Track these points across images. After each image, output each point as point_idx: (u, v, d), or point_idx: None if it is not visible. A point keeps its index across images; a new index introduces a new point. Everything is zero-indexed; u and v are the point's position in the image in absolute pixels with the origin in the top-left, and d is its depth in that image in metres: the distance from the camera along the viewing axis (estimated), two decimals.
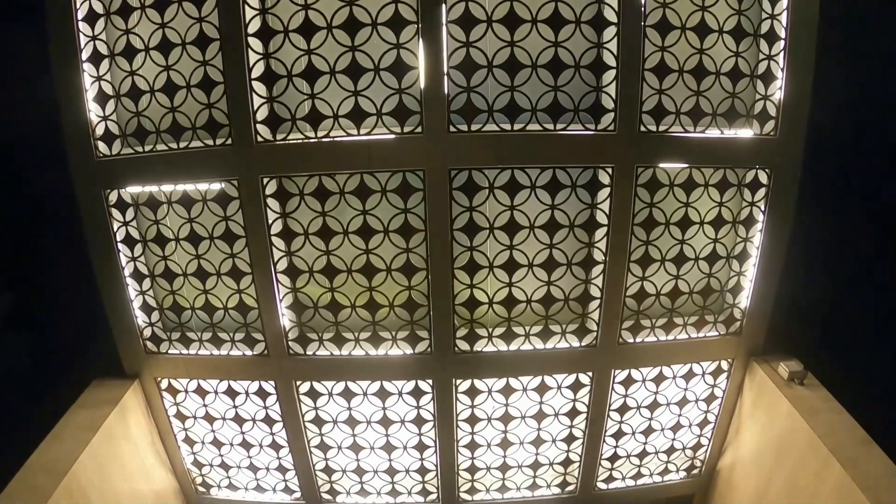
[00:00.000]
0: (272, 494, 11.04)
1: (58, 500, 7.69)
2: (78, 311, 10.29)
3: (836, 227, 10.43)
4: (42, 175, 9.78)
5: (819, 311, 10.51)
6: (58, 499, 7.69)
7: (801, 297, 9.86)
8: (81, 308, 9.93)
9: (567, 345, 9.36)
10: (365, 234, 8.54)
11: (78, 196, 8.56)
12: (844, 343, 10.71)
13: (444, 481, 10.59)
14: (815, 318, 10.47)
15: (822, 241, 10.13)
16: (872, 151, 10.45)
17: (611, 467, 10.81)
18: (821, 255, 10.18)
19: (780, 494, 9.10)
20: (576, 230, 8.68)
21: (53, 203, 9.67)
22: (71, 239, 9.02)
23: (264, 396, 9.79)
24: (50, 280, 11.04)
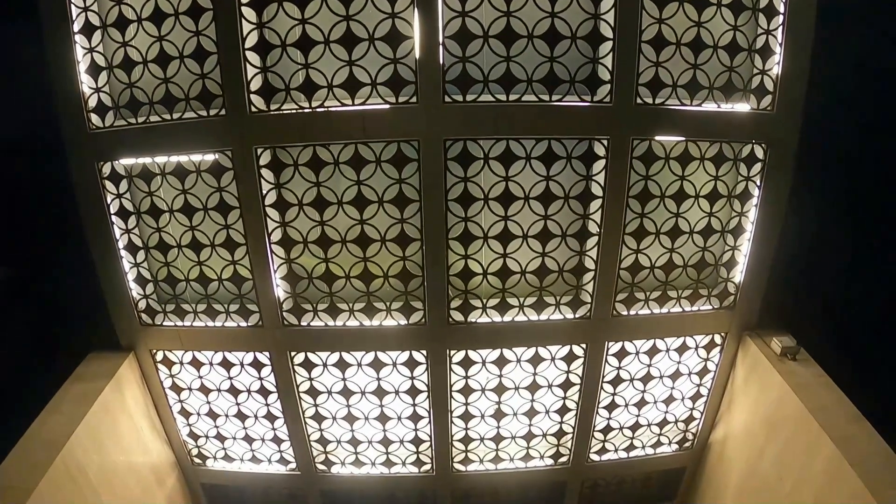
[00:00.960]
0: (267, 465, 11.19)
1: (54, 474, 7.77)
2: (72, 284, 10.30)
3: (832, 202, 10.46)
4: (35, 149, 9.75)
5: (813, 287, 10.59)
6: (54, 472, 7.77)
7: (795, 273, 9.91)
8: (76, 281, 9.94)
9: (561, 316, 9.44)
10: (359, 205, 8.57)
11: (71, 168, 8.56)
12: (838, 319, 10.82)
13: (438, 452, 10.75)
14: (809, 293, 10.56)
15: (818, 217, 10.16)
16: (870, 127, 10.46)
17: (603, 439, 10.97)
18: (816, 230, 10.21)
19: (771, 469, 9.23)
20: (571, 202, 8.72)
21: (47, 176, 9.64)
22: (64, 212, 9.01)
23: (259, 367, 9.89)
24: (44, 254, 11.03)
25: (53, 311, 11.22)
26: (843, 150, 10.25)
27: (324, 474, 11.15)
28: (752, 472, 9.77)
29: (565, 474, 11.35)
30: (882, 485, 7.23)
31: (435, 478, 11.14)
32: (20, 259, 11.21)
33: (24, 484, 7.44)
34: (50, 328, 11.27)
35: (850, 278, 10.85)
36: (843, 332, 10.77)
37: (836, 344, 10.21)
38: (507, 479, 11.38)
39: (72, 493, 8.11)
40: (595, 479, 11.69)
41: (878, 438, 7.87)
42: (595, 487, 11.85)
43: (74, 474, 8.19)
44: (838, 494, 7.70)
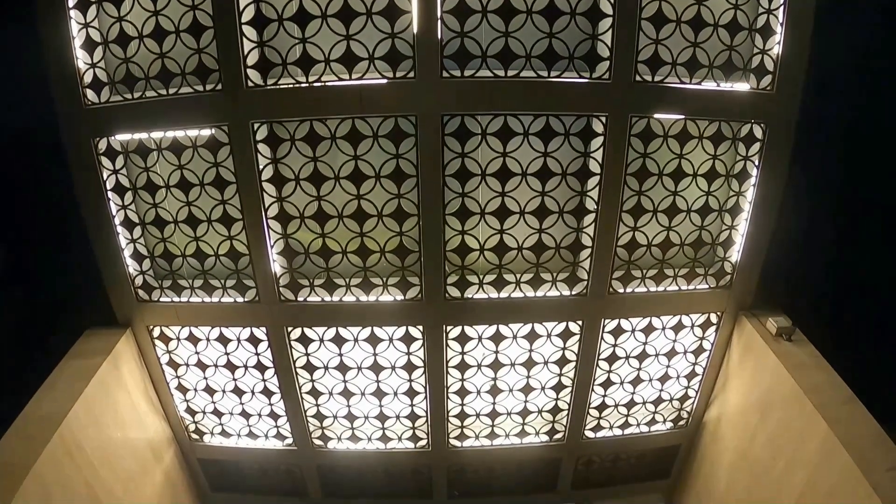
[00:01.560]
0: (264, 441, 11.30)
1: (52, 450, 7.83)
2: (69, 261, 10.32)
3: (830, 183, 10.47)
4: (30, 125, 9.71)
5: (810, 268, 10.63)
6: (52, 449, 7.83)
7: (792, 254, 9.93)
8: (73, 258, 9.95)
9: (557, 293, 9.50)
10: (356, 180, 8.58)
11: (66, 145, 8.55)
12: (834, 300, 10.87)
13: (434, 427, 10.86)
14: (805, 274, 10.59)
15: (817, 199, 10.18)
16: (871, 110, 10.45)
17: (599, 416, 11.08)
18: (814, 212, 10.22)
19: (765, 448, 9.32)
20: (568, 178, 8.74)
21: (42, 153, 9.61)
22: (60, 188, 9.01)
23: (256, 343, 9.95)
24: (40, 230, 11.03)
25: (50, 288, 11.22)
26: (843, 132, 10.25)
27: (320, 449, 11.26)
28: (746, 451, 9.86)
29: (560, 451, 11.46)
30: (874, 466, 7.31)
31: (431, 453, 11.26)
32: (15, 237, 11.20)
33: (22, 461, 7.49)
34: (47, 305, 11.28)
35: (846, 260, 10.87)
36: (839, 313, 10.83)
37: (832, 325, 10.28)
38: (502, 456, 11.50)
39: (70, 470, 8.18)
40: (590, 456, 11.81)
41: (871, 420, 7.93)
42: (590, 464, 11.98)
43: (72, 451, 8.25)
44: (831, 474, 7.78)
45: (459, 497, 12.30)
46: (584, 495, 12.30)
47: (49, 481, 7.71)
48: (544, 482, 12.19)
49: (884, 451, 7.48)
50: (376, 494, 12.33)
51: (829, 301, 10.84)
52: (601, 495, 12.78)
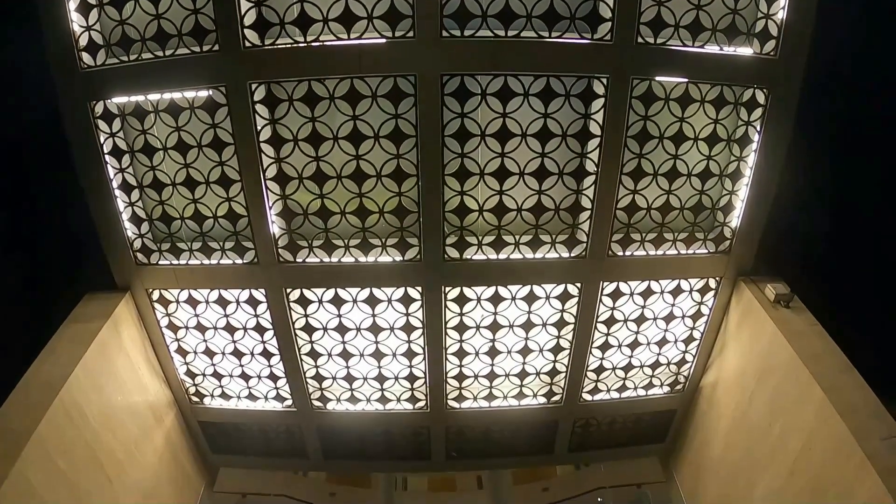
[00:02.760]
0: (264, 402, 11.43)
1: (54, 415, 7.92)
2: (68, 225, 10.34)
3: (833, 151, 10.46)
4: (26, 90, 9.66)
5: (809, 236, 10.66)
6: (54, 413, 7.92)
7: (792, 221, 9.96)
8: (71, 223, 9.97)
9: (556, 255, 9.54)
10: (355, 140, 8.57)
11: (63, 109, 8.52)
12: (833, 269, 10.90)
13: (433, 389, 11.00)
14: (805, 242, 10.62)
15: (818, 167, 10.17)
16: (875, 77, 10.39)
17: (596, 379, 11.20)
18: (815, 179, 10.23)
19: (761, 414, 9.42)
20: (568, 140, 8.73)
21: (38, 118, 9.58)
22: (57, 153, 9.00)
23: (255, 305, 10.01)
24: (38, 195, 11.03)
25: (49, 253, 11.26)
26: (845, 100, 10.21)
27: (320, 411, 11.40)
28: (742, 416, 9.97)
29: (557, 413, 11.60)
30: (869, 434, 7.39)
31: (429, 414, 11.40)
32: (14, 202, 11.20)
33: (23, 426, 7.59)
34: (46, 271, 11.33)
35: (846, 229, 10.90)
36: (838, 281, 10.86)
37: (830, 293, 10.30)
38: (500, 417, 11.66)
39: (71, 434, 8.30)
40: (587, 419, 11.96)
41: (866, 389, 8.01)
42: (587, 427, 12.12)
43: (73, 415, 8.34)
44: (826, 442, 7.88)
45: (457, 458, 12.49)
46: (581, 457, 12.48)
47: (51, 446, 7.82)
48: (542, 444, 12.37)
49: (879, 420, 7.57)
50: (375, 455, 12.53)
51: (827, 269, 10.87)
52: (598, 458, 12.99)
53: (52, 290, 10.76)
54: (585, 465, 18.48)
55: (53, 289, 10.78)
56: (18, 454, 7.24)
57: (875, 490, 6.94)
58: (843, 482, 7.49)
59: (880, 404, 7.76)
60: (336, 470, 15.61)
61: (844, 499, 7.44)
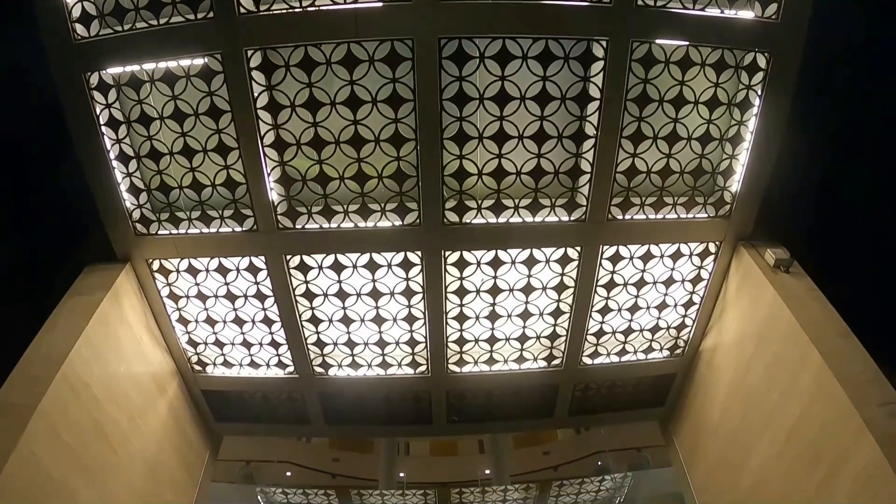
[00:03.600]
0: (266, 370, 11.51)
1: (57, 389, 7.95)
2: (65, 198, 10.31)
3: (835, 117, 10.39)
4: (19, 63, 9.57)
5: (810, 202, 10.63)
6: (57, 387, 7.94)
7: (792, 186, 9.93)
8: (69, 196, 9.94)
9: (556, 219, 9.54)
10: (353, 105, 8.53)
11: (57, 81, 8.45)
12: (833, 234, 10.88)
13: (433, 353, 11.07)
14: (805, 207, 10.60)
15: (819, 131, 10.12)
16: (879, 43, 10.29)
17: (596, 343, 11.27)
18: (817, 144, 10.17)
19: (760, 379, 9.47)
20: (567, 103, 8.67)
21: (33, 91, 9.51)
22: (54, 125, 8.93)
23: (255, 272, 10.05)
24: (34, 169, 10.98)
25: (48, 226, 11.24)
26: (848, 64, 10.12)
27: (321, 377, 11.49)
28: (741, 381, 10.04)
29: (558, 377, 11.68)
30: (867, 401, 7.40)
31: (430, 378, 11.50)
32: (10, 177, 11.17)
33: (27, 401, 7.61)
34: (45, 244, 11.32)
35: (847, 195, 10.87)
36: (838, 247, 10.86)
37: (829, 258, 10.31)
38: (500, 381, 11.76)
39: (75, 407, 8.34)
40: (587, 383, 12.05)
41: (865, 355, 8.01)
42: (586, 391, 12.22)
43: (77, 388, 8.39)
44: (824, 408, 7.90)
45: (458, 422, 12.60)
46: (582, 421, 12.59)
47: (55, 419, 7.87)
48: (542, 408, 12.46)
49: (877, 387, 7.58)
50: (377, 420, 12.65)
51: (827, 235, 10.85)
52: (598, 422, 13.12)
53: (52, 263, 10.74)
54: (586, 430, 18.85)
55: (53, 262, 10.76)
56: (23, 429, 7.28)
57: (873, 456, 6.97)
58: (840, 448, 7.54)
59: (879, 371, 7.76)
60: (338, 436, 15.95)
61: (842, 464, 7.49)
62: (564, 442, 20.62)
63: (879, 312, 10.18)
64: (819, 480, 7.87)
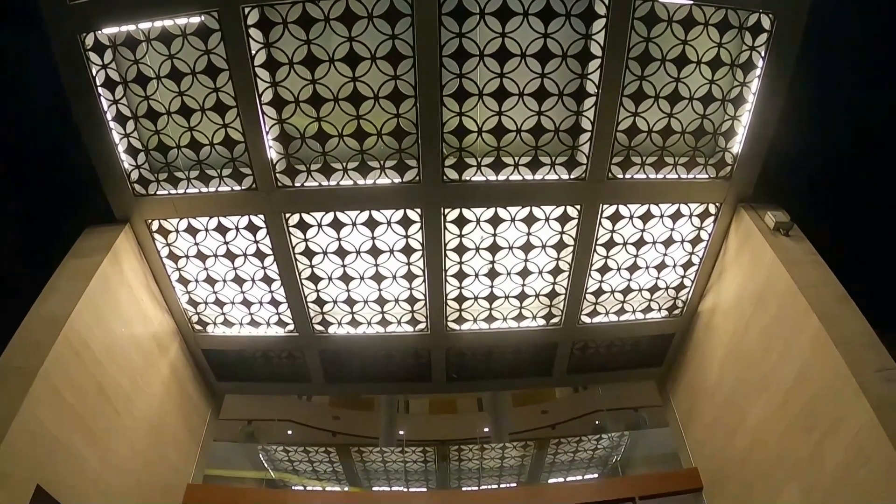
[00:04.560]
0: (266, 328, 11.60)
1: (59, 352, 8.00)
2: (63, 161, 10.25)
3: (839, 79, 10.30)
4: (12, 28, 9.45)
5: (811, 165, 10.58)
6: (59, 350, 7.99)
7: (794, 149, 9.86)
8: (66, 158, 9.88)
9: (556, 177, 9.53)
10: (351, 62, 8.45)
11: (52, 43, 8.36)
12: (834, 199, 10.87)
13: (433, 310, 11.14)
14: (806, 171, 10.56)
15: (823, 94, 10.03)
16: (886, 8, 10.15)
17: (595, 301, 11.34)
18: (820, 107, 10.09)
19: (758, 341, 9.53)
20: (568, 60, 8.60)
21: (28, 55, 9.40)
22: (50, 88, 8.85)
23: (254, 231, 10.08)
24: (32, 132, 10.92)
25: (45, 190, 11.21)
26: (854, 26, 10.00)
27: (321, 335, 11.58)
28: (739, 343, 10.11)
29: (557, 335, 11.79)
30: (864, 365, 7.44)
31: (430, 336, 11.58)
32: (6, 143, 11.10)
33: (29, 364, 7.65)
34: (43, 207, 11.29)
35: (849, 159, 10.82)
36: (838, 211, 10.85)
37: (830, 223, 10.31)
38: (500, 339, 11.86)
39: (77, 369, 8.42)
40: (585, 342, 12.13)
41: (862, 320, 8.02)
42: (585, 350, 12.30)
43: (78, 350, 8.44)
44: (821, 371, 7.95)
45: (458, 380, 12.71)
46: (580, 379, 12.70)
47: (58, 382, 7.95)
48: (541, 366, 12.58)
49: (874, 352, 7.61)
50: (377, 378, 12.75)
51: (828, 199, 10.84)
52: (596, 380, 13.24)
53: (51, 226, 10.72)
54: (584, 389, 18.99)
55: (52, 226, 10.75)
56: (26, 392, 7.35)
57: (867, 421, 7.05)
58: (835, 412, 7.62)
59: (876, 336, 7.79)
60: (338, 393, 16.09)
61: (836, 428, 7.58)
62: (562, 401, 20.82)
63: (878, 278, 10.25)
64: (814, 443, 7.99)
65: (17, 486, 7.12)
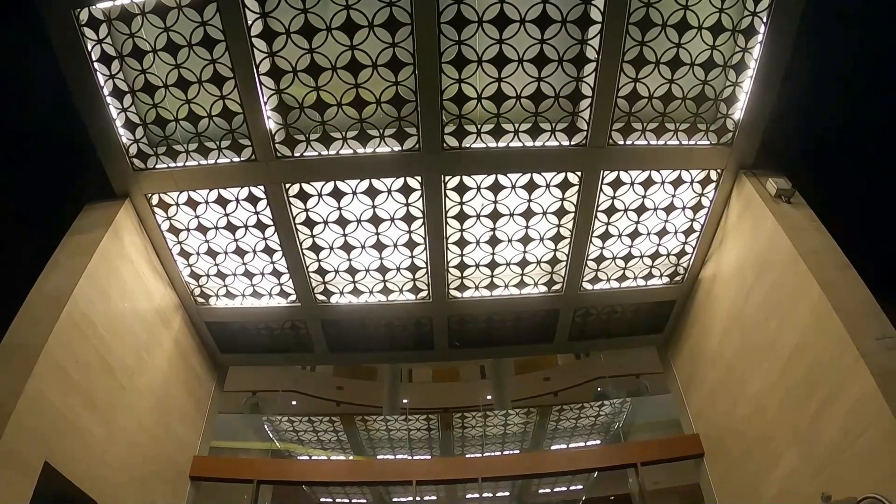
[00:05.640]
0: (268, 299, 11.68)
1: (63, 329, 8.05)
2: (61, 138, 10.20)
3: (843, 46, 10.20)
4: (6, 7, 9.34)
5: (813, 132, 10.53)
6: (62, 327, 8.04)
7: (796, 116, 9.80)
8: (64, 135, 9.83)
9: (556, 143, 9.50)
10: (349, 30, 8.38)
11: (46, 20, 8.27)
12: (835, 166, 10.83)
13: (434, 278, 11.21)
14: (808, 138, 10.51)
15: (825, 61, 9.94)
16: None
17: (596, 268, 11.39)
18: (821, 75, 10.01)
19: (758, 308, 9.56)
20: (568, 26, 8.52)
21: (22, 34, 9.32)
22: (46, 65, 8.76)
23: (254, 202, 10.09)
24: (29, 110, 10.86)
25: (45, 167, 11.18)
26: None
27: (323, 304, 11.67)
28: (740, 310, 10.13)
29: (558, 302, 11.86)
30: (864, 333, 7.46)
31: (431, 304, 11.68)
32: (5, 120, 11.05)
33: (34, 341, 7.72)
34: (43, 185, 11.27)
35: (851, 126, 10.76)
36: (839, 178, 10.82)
37: (831, 190, 10.28)
38: (501, 306, 11.94)
39: (81, 345, 8.48)
40: (587, 308, 12.22)
41: (863, 287, 8.02)
42: (586, 316, 12.40)
43: (82, 326, 8.50)
44: (821, 338, 7.97)
45: (460, 348, 12.83)
46: (581, 346, 12.78)
47: (62, 358, 8.02)
48: (542, 333, 12.69)
49: (874, 320, 7.62)
50: (379, 347, 12.88)
51: (829, 166, 10.80)
52: (597, 347, 13.31)
53: (52, 204, 10.71)
54: (585, 356, 19.13)
55: (52, 203, 10.73)
56: (31, 370, 7.42)
57: (867, 388, 7.10)
58: (835, 379, 7.68)
59: (877, 304, 7.79)
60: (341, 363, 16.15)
61: (836, 395, 7.64)
62: (564, 368, 21.01)
63: (879, 246, 10.24)
64: (814, 410, 8.06)
65: (25, 463, 7.23)
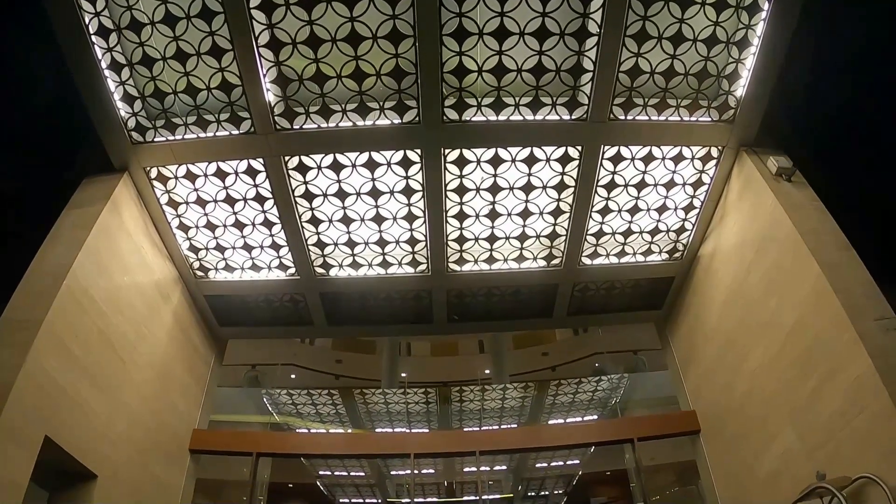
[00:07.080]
0: (268, 272, 11.72)
1: (62, 303, 8.07)
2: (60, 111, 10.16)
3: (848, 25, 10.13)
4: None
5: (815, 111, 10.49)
6: (62, 301, 8.06)
7: (798, 94, 9.76)
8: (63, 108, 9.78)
9: (557, 117, 9.48)
10: (349, 1, 8.31)
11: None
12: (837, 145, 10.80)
13: (434, 252, 11.25)
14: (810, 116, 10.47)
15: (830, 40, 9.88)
16: None
17: (596, 243, 11.43)
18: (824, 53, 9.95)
19: (757, 286, 9.58)
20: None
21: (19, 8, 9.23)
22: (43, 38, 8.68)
23: (254, 175, 10.09)
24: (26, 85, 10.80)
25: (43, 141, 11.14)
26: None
27: (322, 278, 11.72)
28: (739, 287, 10.16)
29: (557, 276, 11.91)
30: (863, 314, 7.46)
31: (430, 277, 11.72)
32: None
33: (33, 315, 7.72)
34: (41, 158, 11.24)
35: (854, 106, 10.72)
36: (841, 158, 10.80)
37: (833, 170, 10.26)
38: (500, 280, 12.00)
39: (81, 319, 8.51)
40: (586, 283, 12.27)
41: (862, 268, 8.02)
42: (585, 291, 12.47)
43: (81, 300, 8.52)
44: (820, 318, 7.98)
45: (459, 321, 12.91)
46: (580, 321, 12.84)
47: (62, 332, 8.05)
48: (541, 308, 12.76)
49: (873, 301, 7.62)
50: (378, 321, 12.96)
51: (831, 145, 10.78)
52: (596, 322, 13.38)
53: (50, 177, 10.69)
54: (584, 331, 19.27)
55: (51, 177, 10.71)
56: (31, 344, 7.45)
57: (865, 369, 7.13)
58: (833, 359, 7.71)
59: (876, 286, 7.80)
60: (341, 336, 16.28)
61: (834, 375, 7.68)
62: (563, 343, 21.19)
63: (880, 227, 10.25)
64: (811, 389, 8.12)
65: (26, 438, 7.30)
